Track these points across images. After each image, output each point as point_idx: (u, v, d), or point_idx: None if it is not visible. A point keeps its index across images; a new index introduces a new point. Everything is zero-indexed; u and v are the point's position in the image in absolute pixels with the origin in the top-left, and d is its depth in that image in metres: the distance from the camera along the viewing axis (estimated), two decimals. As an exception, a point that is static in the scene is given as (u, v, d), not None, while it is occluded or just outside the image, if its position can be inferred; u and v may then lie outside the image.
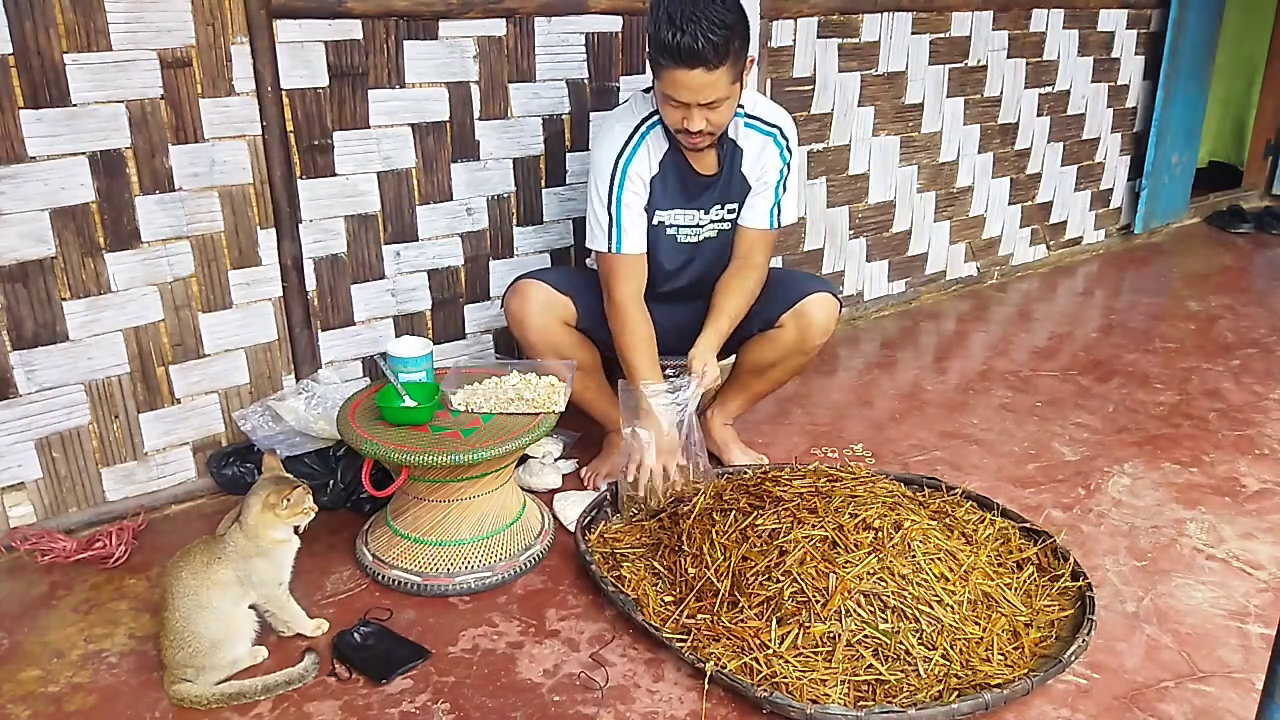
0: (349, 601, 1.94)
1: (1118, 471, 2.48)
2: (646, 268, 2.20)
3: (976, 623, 1.72)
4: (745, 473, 2.17)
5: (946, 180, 3.71)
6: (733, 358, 2.41)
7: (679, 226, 2.23)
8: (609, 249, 2.15)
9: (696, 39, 1.87)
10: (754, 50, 2.10)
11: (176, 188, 2.11)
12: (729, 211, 2.25)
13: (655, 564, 1.94)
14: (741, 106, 2.16)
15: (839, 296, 2.29)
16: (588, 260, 2.51)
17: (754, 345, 2.31)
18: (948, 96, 3.58)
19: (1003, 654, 1.69)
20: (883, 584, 1.71)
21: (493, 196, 2.59)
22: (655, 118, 2.13)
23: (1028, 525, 2.06)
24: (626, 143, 2.13)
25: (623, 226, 2.14)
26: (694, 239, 2.26)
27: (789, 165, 2.23)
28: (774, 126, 2.21)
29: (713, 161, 2.19)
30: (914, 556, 1.76)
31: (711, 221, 2.25)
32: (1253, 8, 4.90)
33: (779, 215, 2.26)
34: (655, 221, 2.20)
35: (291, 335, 2.35)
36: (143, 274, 2.12)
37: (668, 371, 2.20)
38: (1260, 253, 4.58)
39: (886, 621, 1.67)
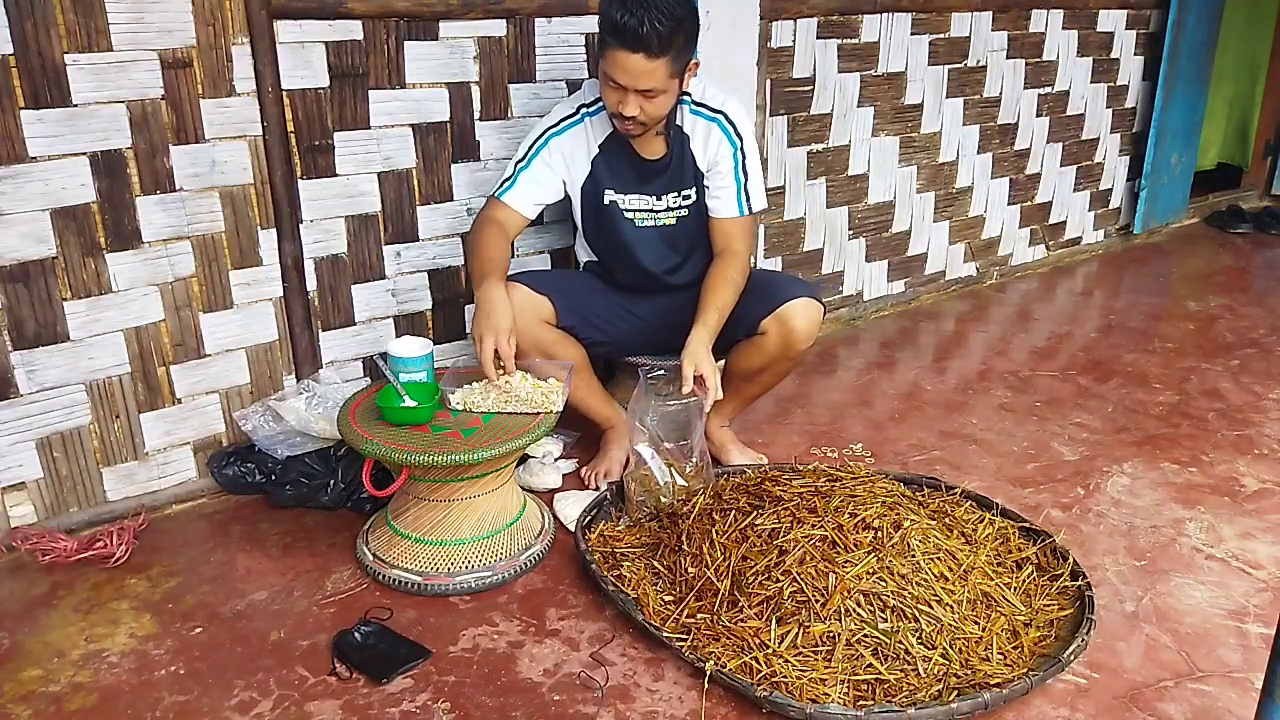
0: (349, 601, 1.94)
1: (1117, 471, 2.48)
2: (519, 226, 2.26)
3: (976, 622, 1.72)
4: (745, 473, 2.17)
5: (946, 180, 3.72)
6: (723, 362, 2.41)
7: (635, 210, 2.28)
8: (494, 194, 2.25)
9: (643, 24, 1.92)
10: (700, 54, 2.17)
11: (177, 188, 2.11)
12: (684, 198, 2.27)
13: (655, 564, 1.95)
14: (689, 94, 2.21)
15: (821, 300, 2.27)
16: (584, 262, 2.51)
17: (740, 352, 2.31)
18: (947, 97, 3.58)
19: (1002, 653, 1.69)
20: (882, 583, 1.71)
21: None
22: (601, 102, 2.16)
23: (1027, 525, 2.06)
24: (561, 120, 2.24)
25: (517, 182, 2.23)
26: (653, 223, 2.30)
27: (742, 150, 2.24)
28: (718, 113, 2.23)
29: (659, 147, 2.23)
30: (913, 556, 1.76)
31: (667, 209, 2.28)
32: (1255, 8, 4.90)
33: (748, 201, 2.28)
34: (607, 201, 2.27)
35: (292, 335, 2.35)
36: (143, 274, 2.12)
37: (660, 370, 2.20)
38: (1259, 253, 4.59)
39: (886, 621, 1.68)
